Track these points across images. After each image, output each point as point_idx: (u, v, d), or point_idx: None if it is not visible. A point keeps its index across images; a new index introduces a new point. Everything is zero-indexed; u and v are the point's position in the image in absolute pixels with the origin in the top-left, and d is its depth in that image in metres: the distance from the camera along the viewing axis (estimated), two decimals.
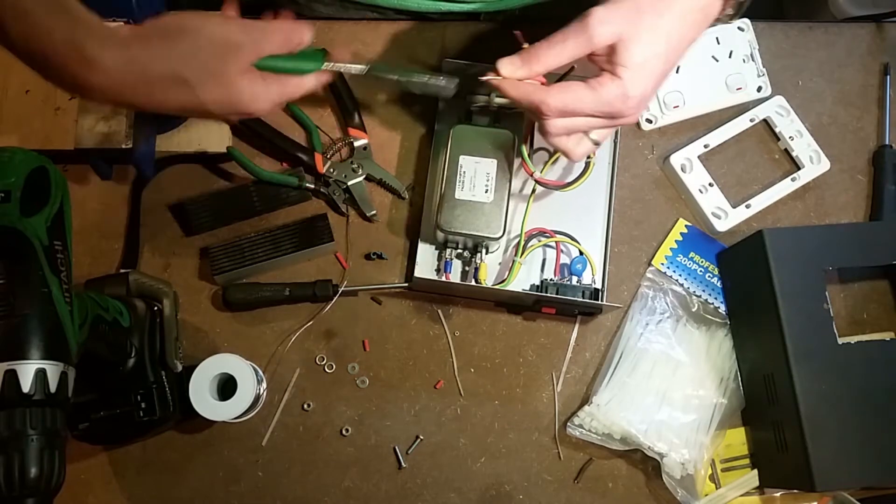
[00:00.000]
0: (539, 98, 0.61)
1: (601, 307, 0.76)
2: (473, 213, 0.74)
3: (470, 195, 0.75)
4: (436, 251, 0.79)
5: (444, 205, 0.74)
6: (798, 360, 0.70)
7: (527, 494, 0.76)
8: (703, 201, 0.81)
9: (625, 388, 0.76)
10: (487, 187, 0.75)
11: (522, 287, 0.78)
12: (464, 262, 0.78)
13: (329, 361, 0.78)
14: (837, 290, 0.81)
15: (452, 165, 0.75)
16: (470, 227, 0.74)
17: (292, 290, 0.77)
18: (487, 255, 0.77)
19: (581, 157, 0.68)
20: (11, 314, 0.51)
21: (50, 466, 0.50)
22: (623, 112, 0.62)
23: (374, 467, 0.76)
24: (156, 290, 0.75)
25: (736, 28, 0.85)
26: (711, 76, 0.84)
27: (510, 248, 0.79)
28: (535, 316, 0.79)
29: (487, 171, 0.75)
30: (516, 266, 0.76)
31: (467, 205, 0.74)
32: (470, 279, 0.77)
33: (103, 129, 0.72)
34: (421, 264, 0.78)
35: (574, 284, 0.76)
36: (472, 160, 0.75)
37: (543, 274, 0.79)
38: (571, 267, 0.77)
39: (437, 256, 0.78)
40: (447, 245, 0.77)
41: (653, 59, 0.60)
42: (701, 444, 0.75)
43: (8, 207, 0.51)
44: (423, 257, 0.78)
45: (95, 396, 0.70)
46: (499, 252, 0.79)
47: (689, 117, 0.84)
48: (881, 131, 0.85)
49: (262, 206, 0.80)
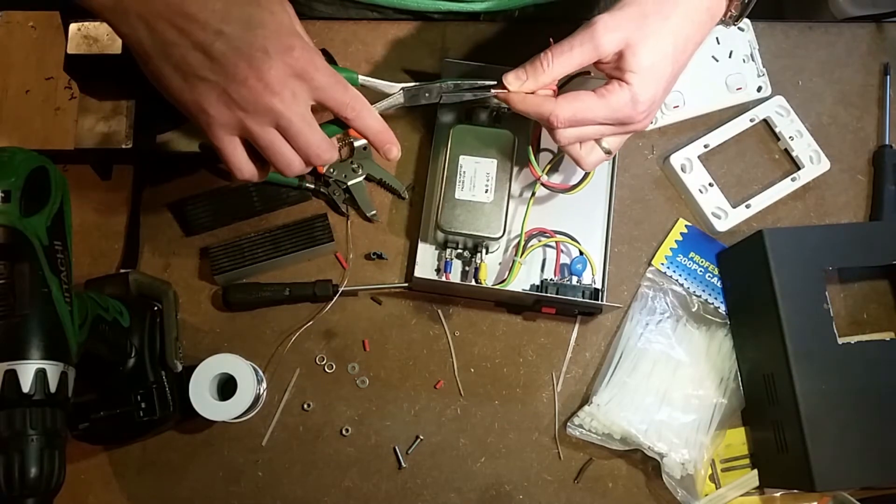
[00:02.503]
0: (548, 110, 0.61)
1: (601, 307, 0.76)
2: (474, 214, 0.74)
3: (470, 195, 0.75)
4: (436, 251, 0.79)
5: (444, 205, 0.75)
6: (798, 360, 0.70)
7: (527, 494, 0.76)
8: (703, 201, 0.81)
9: (625, 388, 0.76)
10: (487, 187, 0.75)
11: (522, 287, 0.78)
12: (464, 262, 0.78)
13: (329, 361, 0.78)
14: (837, 290, 0.81)
15: (452, 165, 0.75)
16: (470, 228, 0.74)
17: (292, 290, 0.77)
18: (487, 255, 0.77)
19: (593, 165, 0.68)
20: (11, 314, 0.51)
21: (50, 466, 0.50)
22: (634, 118, 0.62)
23: (374, 467, 0.76)
24: (156, 290, 0.75)
25: (736, 28, 0.85)
26: (711, 76, 0.84)
27: (510, 248, 0.79)
28: (535, 316, 0.79)
29: (487, 171, 0.75)
30: (516, 266, 0.76)
31: (467, 205, 0.75)
32: (470, 279, 0.77)
33: (103, 129, 0.72)
34: (421, 264, 0.78)
35: (574, 284, 0.76)
36: (473, 160, 0.75)
37: (543, 274, 0.79)
38: (572, 267, 0.77)
39: (438, 256, 0.78)
40: (447, 245, 0.77)
41: (661, 63, 0.60)
42: (701, 444, 0.75)
43: (8, 207, 0.51)
44: (423, 257, 0.78)
45: (95, 396, 0.70)
46: (499, 252, 0.79)
47: (689, 117, 0.84)
48: (881, 131, 0.85)
49: (262, 206, 0.80)
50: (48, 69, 0.81)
